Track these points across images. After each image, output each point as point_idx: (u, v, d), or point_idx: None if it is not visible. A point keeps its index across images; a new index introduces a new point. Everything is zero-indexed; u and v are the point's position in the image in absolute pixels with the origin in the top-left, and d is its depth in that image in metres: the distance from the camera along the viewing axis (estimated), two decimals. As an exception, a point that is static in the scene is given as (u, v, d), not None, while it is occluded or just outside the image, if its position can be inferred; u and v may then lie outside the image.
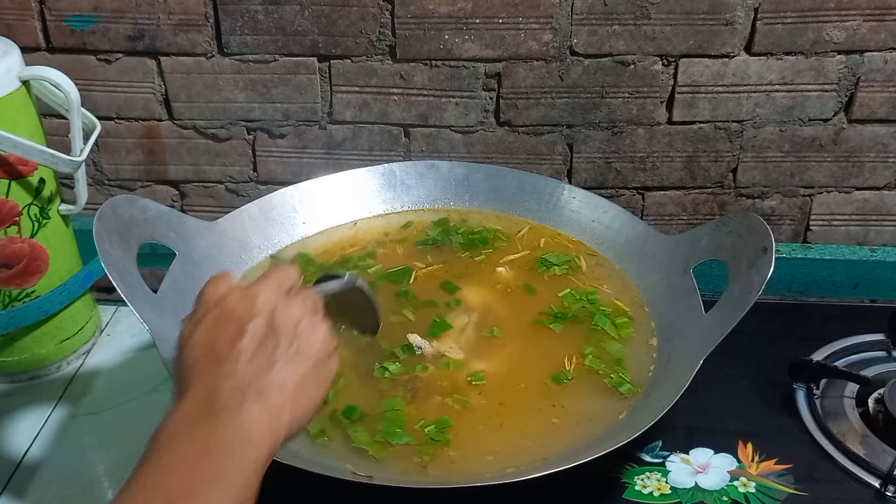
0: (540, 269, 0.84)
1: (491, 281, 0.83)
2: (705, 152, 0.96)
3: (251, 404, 0.47)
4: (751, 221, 0.72)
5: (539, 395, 0.71)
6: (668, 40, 0.89)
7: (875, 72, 0.90)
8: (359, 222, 0.90)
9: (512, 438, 0.67)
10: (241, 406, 0.46)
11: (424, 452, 0.66)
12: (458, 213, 0.92)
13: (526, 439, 0.67)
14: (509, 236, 0.89)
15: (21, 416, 0.82)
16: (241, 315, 0.50)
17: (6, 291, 0.81)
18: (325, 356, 0.52)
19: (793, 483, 0.70)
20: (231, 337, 0.49)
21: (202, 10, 0.90)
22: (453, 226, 0.90)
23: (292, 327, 0.50)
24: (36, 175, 0.79)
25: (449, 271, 0.84)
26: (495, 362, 0.74)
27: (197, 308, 0.52)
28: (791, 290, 0.99)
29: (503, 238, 0.88)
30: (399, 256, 0.86)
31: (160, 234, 0.75)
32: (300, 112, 0.96)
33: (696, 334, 0.70)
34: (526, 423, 0.69)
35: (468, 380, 0.72)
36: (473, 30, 0.90)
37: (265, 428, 0.47)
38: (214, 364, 0.48)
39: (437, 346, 0.75)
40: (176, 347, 0.51)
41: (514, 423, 0.69)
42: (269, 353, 0.49)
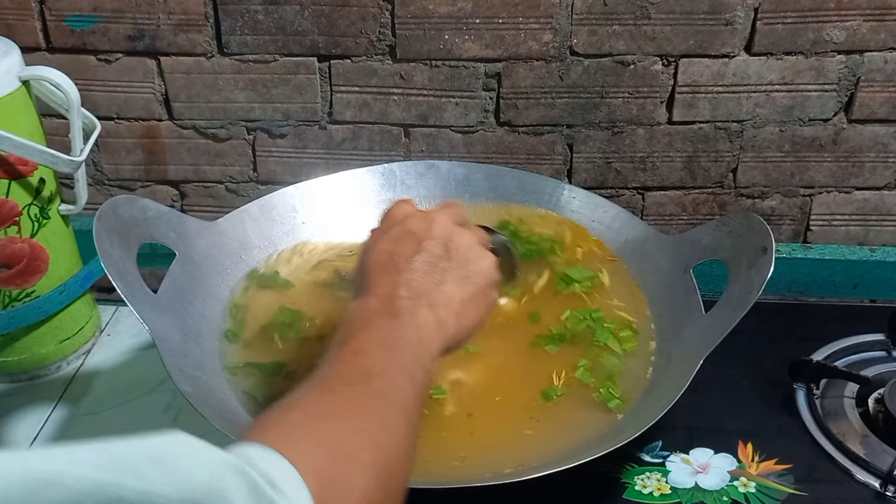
0: (559, 287, 0.82)
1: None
2: (705, 152, 0.96)
3: (426, 311, 0.53)
4: (751, 221, 0.72)
5: (518, 409, 0.70)
6: (668, 40, 0.89)
7: (875, 72, 0.90)
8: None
9: (483, 446, 0.67)
10: (416, 311, 0.53)
11: None
12: (509, 211, 0.89)
13: (500, 448, 0.67)
14: (563, 245, 0.86)
15: (21, 416, 0.82)
16: (421, 234, 0.56)
17: (6, 291, 0.81)
18: (488, 285, 0.58)
19: (793, 483, 0.70)
20: (410, 251, 0.55)
21: (202, 10, 0.90)
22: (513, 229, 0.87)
23: (463, 253, 0.57)
24: (36, 175, 0.79)
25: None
26: (472, 374, 0.74)
27: (383, 222, 0.59)
28: (791, 290, 0.99)
29: (558, 248, 0.85)
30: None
31: (160, 234, 0.75)
32: (300, 112, 0.96)
33: (696, 334, 0.70)
34: (498, 433, 0.68)
35: (430, 393, 0.71)
36: (473, 30, 0.90)
37: (434, 333, 0.53)
38: (393, 271, 0.55)
39: None
40: (361, 253, 0.58)
41: (485, 433, 0.68)
42: (440, 271, 0.55)
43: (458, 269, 0.56)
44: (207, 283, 0.78)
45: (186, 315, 0.73)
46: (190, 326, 0.73)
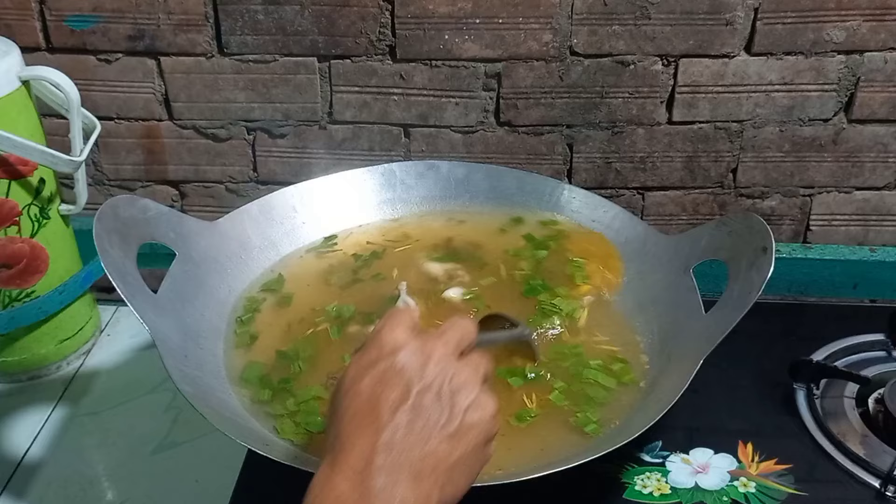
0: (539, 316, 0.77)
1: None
2: (705, 152, 0.96)
3: (405, 487, 0.45)
4: (751, 221, 0.72)
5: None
6: (668, 40, 0.89)
7: (875, 72, 0.90)
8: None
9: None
10: (393, 490, 0.45)
11: None
12: (544, 227, 0.87)
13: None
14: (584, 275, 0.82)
15: (21, 416, 0.82)
16: (411, 374, 0.48)
17: (6, 291, 0.81)
18: (484, 441, 0.50)
19: (793, 483, 0.70)
20: (396, 398, 0.47)
21: (202, 10, 0.90)
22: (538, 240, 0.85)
23: (459, 403, 0.49)
24: (36, 175, 0.79)
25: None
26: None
27: (369, 348, 0.50)
28: (791, 290, 0.99)
29: (579, 276, 0.82)
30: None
31: (160, 234, 0.75)
32: (300, 112, 0.96)
33: (696, 334, 0.70)
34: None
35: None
36: (473, 30, 0.90)
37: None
38: (373, 428, 0.46)
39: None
40: (337, 387, 0.50)
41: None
42: (430, 425, 0.47)
43: (451, 423, 0.48)
44: (207, 283, 0.78)
45: (186, 315, 0.73)
46: (190, 326, 0.73)
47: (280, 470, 0.59)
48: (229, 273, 0.81)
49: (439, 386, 0.48)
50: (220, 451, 0.75)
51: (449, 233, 0.88)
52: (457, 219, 0.90)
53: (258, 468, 0.71)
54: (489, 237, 0.87)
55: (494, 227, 0.88)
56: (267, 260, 0.84)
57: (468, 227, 0.89)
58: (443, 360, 0.50)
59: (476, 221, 0.90)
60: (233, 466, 0.71)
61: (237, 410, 0.68)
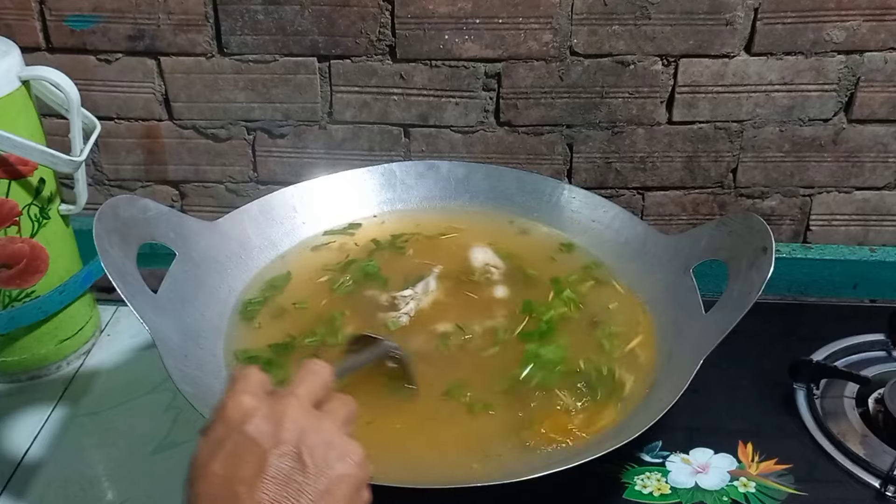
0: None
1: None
2: (705, 152, 0.96)
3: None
4: (751, 221, 0.72)
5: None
6: (668, 40, 0.89)
7: (875, 72, 0.90)
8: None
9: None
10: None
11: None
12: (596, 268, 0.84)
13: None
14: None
15: (21, 416, 0.82)
16: (265, 443, 0.44)
17: (6, 291, 0.81)
18: (356, 490, 0.46)
19: (793, 483, 0.70)
20: (252, 473, 0.43)
21: (202, 10, 0.90)
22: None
23: (322, 458, 0.45)
24: (36, 175, 0.79)
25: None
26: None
27: (215, 425, 0.46)
28: (791, 290, 0.99)
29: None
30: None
31: (160, 234, 0.75)
32: (300, 112, 0.96)
33: (696, 334, 0.70)
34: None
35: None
36: (473, 30, 0.90)
37: None
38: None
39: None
40: (189, 471, 0.45)
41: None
42: (296, 491, 0.43)
43: (316, 481, 0.44)
44: (207, 283, 0.78)
45: (186, 315, 0.73)
46: (190, 326, 0.73)
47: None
48: (229, 273, 0.81)
49: (297, 447, 0.45)
50: (220, 451, 0.75)
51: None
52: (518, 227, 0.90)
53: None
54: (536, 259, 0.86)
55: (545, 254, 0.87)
56: (268, 259, 0.84)
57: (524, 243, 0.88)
58: (297, 417, 0.46)
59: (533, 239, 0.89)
60: (233, 466, 0.71)
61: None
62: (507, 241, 0.87)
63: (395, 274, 0.83)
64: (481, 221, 0.90)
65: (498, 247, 0.86)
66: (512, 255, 0.85)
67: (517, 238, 0.88)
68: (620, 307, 0.79)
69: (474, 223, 0.90)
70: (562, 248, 0.87)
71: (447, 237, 0.88)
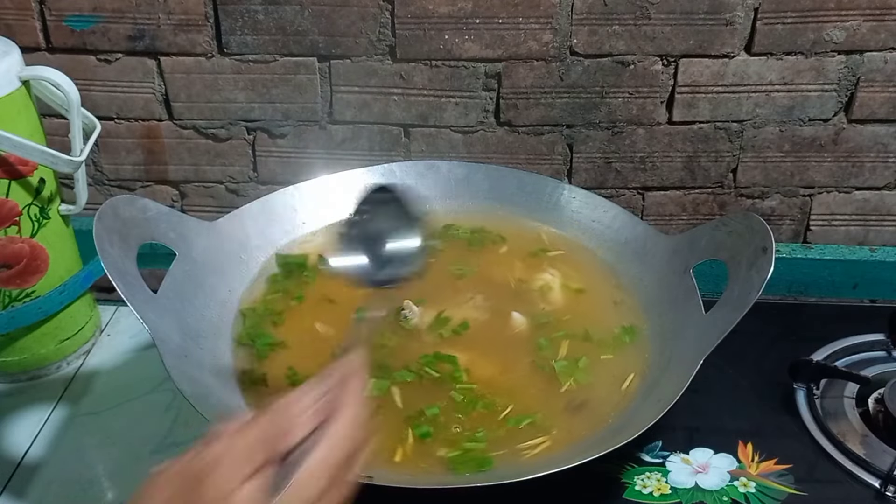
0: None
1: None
2: (705, 152, 0.96)
3: None
4: (751, 221, 0.72)
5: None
6: (668, 40, 0.89)
7: (875, 72, 0.90)
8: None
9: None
10: None
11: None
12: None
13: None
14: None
15: (21, 416, 0.82)
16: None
17: (6, 291, 0.81)
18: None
19: (793, 483, 0.70)
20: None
21: (202, 10, 0.90)
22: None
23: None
24: (36, 175, 0.79)
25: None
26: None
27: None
28: (791, 290, 0.99)
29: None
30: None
31: (160, 234, 0.75)
32: (300, 112, 0.96)
33: (696, 334, 0.70)
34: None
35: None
36: (473, 30, 0.90)
37: None
38: None
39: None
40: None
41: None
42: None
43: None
44: (207, 283, 0.78)
45: (186, 315, 0.73)
46: (190, 326, 0.73)
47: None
48: (229, 273, 0.80)
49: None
50: (220, 451, 0.75)
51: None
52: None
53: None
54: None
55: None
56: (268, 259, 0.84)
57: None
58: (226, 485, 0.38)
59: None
60: (233, 466, 0.71)
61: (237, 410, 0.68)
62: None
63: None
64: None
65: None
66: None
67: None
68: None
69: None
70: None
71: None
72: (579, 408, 0.70)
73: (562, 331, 0.78)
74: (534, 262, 0.86)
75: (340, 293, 0.80)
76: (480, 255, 0.87)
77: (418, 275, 0.58)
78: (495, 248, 0.88)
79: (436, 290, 0.81)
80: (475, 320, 0.79)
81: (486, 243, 0.88)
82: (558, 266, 0.85)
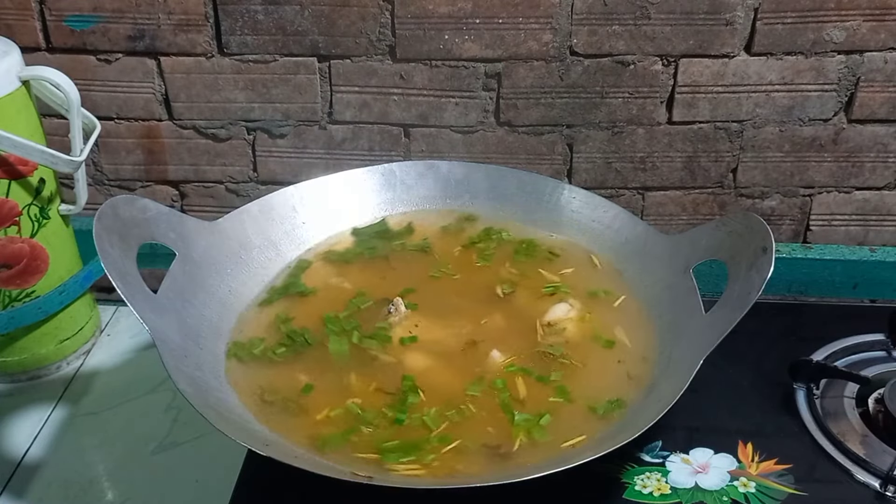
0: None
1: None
2: (705, 152, 0.96)
3: None
4: (751, 221, 0.72)
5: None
6: (668, 40, 0.89)
7: (875, 72, 0.90)
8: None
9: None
10: None
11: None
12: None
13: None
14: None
15: (21, 416, 0.82)
16: None
17: (6, 291, 0.81)
18: None
19: (793, 483, 0.70)
20: None
21: (202, 10, 0.90)
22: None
23: None
24: (36, 175, 0.79)
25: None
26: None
27: None
28: (791, 290, 0.99)
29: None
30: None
31: (160, 234, 0.75)
32: (300, 112, 0.96)
33: (696, 334, 0.70)
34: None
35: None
36: (473, 30, 0.90)
37: None
38: None
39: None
40: None
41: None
42: None
43: None
44: (207, 283, 0.78)
45: (186, 315, 0.73)
46: (190, 326, 0.73)
47: (280, 470, 0.59)
48: (229, 273, 0.81)
49: None
50: (220, 451, 0.75)
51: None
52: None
53: (258, 468, 0.71)
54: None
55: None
56: (268, 259, 0.84)
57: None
58: None
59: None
60: (233, 466, 0.71)
61: (237, 410, 0.68)
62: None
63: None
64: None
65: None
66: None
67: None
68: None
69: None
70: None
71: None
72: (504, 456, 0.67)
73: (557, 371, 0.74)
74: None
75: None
76: (519, 270, 0.84)
77: None
78: (542, 265, 0.85)
79: (437, 301, 0.80)
80: (444, 346, 0.76)
81: (536, 256, 0.86)
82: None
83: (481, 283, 0.83)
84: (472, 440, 0.67)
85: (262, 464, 0.59)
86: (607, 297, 0.81)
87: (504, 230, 0.89)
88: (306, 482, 0.60)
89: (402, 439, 0.66)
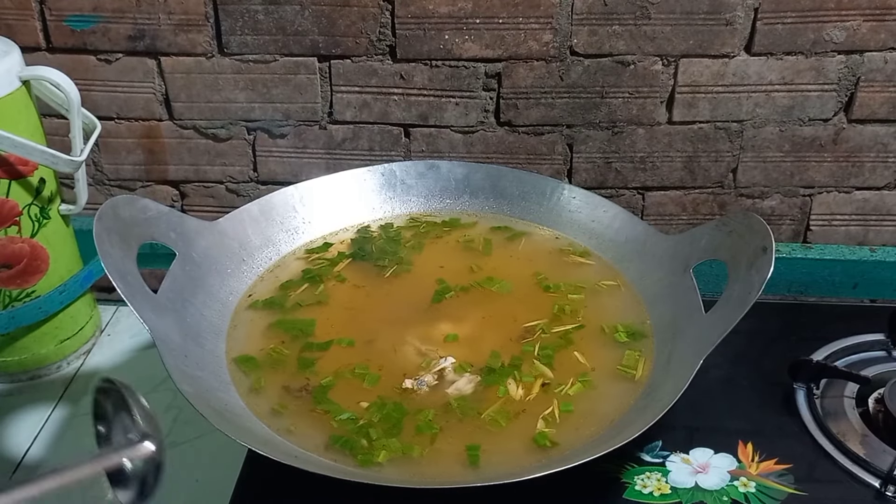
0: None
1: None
2: (705, 152, 0.96)
3: None
4: (751, 221, 0.72)
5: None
6: (668, 40, 0.89)
7: (875, 72, 0.90)
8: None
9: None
10: None
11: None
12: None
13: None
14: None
15: (21, 416, 0.82)
16: None
17: (6, 291, 0.81)
18: None
19: (793, 483, 0.70)
20: None
21: (202, 10, 0.90)
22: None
23: None
24: (36, 175, 0.79)
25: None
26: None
27: None
28: (791, 290, 0.99)
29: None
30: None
31: (160, 234, 0.75)
32: (300, 112, 0.96)
33: (696, 334, 0.70)
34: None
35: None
36: (473, 30, 0.90)
37: None
38: None
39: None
40: None
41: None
42: None
43: None
44: (207, 283, 0.78)
45: (186, 315, 0.73)
46: (190, 326, 0.73)
47: (280, 470, 0.59)
48: (229, 273, 0.81)
49: None
50: (220, 451, 0.75)
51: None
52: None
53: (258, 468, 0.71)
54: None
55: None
56: (268, 260, 0.84)
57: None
58: None
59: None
60: (233, 466, 0.71)
61: (237, 410, 0.68)
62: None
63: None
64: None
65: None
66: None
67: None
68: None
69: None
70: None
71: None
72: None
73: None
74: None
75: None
76: (518, 270, 0.84)
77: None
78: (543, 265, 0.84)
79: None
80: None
81: (536, 256, 0.86)
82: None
83: (481, 282, 0.83)
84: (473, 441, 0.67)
85: (262, 464, 0.59)
86: (607, 296, 0.81)
87: (504, 229, 0.89)
88: (306, 482, 0.60)
89: (403, 442, 0.67)
